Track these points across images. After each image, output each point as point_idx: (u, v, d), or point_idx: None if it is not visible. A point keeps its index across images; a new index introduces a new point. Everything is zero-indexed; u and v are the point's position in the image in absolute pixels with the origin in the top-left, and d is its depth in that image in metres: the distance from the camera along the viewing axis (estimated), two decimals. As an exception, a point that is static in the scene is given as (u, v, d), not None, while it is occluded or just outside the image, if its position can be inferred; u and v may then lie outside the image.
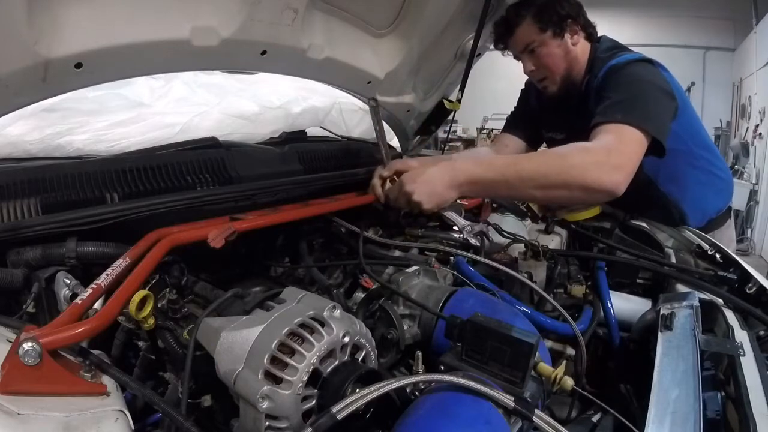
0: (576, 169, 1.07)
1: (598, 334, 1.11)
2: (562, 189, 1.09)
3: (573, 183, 1.07)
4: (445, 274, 1.04)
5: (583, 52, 1.41)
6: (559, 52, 1.38)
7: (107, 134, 1.31)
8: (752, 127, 5.86)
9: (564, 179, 1.07)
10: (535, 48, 1.39)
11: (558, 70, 1.41)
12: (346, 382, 0.60)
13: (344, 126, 1.89)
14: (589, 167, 1.07)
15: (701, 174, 1.47)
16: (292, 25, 1.13)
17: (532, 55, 1.41)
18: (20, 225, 0.80)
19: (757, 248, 5.51)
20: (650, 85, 1.23)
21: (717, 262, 1.21)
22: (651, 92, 1.21)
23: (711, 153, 1.50)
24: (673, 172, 1.41)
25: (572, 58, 1.39)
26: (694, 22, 7.37)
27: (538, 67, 1.42)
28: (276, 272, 1.17)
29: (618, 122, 1.14)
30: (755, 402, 0.67)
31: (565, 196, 1.12)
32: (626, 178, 1.09)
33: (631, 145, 1.13)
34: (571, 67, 1.41)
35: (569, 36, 1.37)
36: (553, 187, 1.09)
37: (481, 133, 7.53)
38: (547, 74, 1.43)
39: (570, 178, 1.07)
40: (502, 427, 0.57)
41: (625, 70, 1.27)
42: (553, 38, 1.36)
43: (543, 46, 1.38)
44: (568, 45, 1.38)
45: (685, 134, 1.37)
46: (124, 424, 0.51)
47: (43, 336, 0.54)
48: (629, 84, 1.23)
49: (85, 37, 0.86)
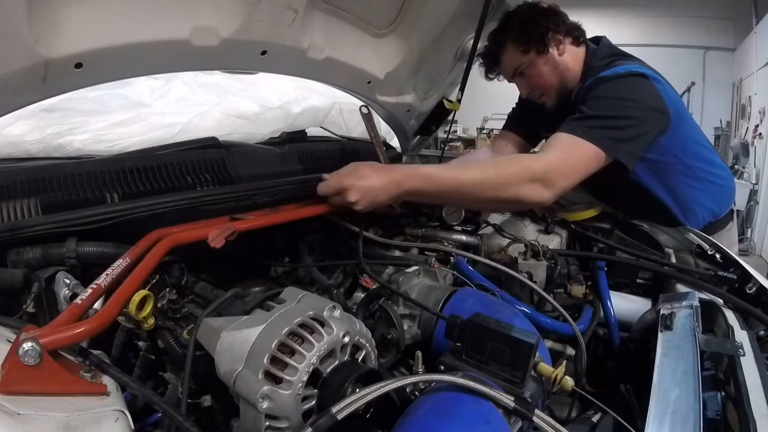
0: (511, 185, 1.12)
1: (598, 334, 1.11)
2: (496, 203, 1.22)
3: (506, 197, 1.13)
4: (445, 274, 1.04)
5: (575, 58, 1.39)
6: (547, 68, 1.38)
7: (107, 134, 1.31)
8: (752, 127, 5.85)
9: (498, 194, 1.12)
10: (524, 70, 1.40)
11: (551, 85, 1.41)
12: (346, 382, 0.60)
13: (344, 126, 1.89)
14: (522, 184, 1.12)
15: (697, 182, 1.44)
16: (292, 25, 1.13)
17: (523, 77, 1.43)
18: (20, 225, 0.80)
19: (757, 248, 5.51)
20: (630, 105, 1.21)
21: (717, 262, 1.21)
22: (628, 112, 1.20)
23: (708, 162, 1.46)
24: (664, 181, 1.40)
25: (563, 70, 1.39)
26: (694, 22, 7.36)
27: (532, 87, 1.44)
28: (276, 272, 1.17)
29: (576, 135, 1.16)
30: (755, 402, 0.67)
31: (500, 207, 1.33)
32: (555, 194, 1.15)
33: (578, 162, 1.16)
34: (564, 78, 1.40)
35: (554, 48, 1.36)
36: (489, 200, 1.17)
37: (481, 133, 7.52)
38: (542, 91, 1.44)
39: (503, 193, 1.12)
40: (502, 427, 0.57)
41: (609, 84, 1.25)
42: (538, 56, 1.36)
43: (531, 66, 1.39)
44: (555, 58, 1.37)
45: (675, 148, 1.34)
46: (124, 424, 0.51)
47: (43, 336, 0.54)
48: (607, 100, 1.22)
49: (85, 37, 0.86)
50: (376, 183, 1.04)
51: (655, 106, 1.24)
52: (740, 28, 6.81)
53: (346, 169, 1.07)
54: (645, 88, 1.26)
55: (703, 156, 1.44)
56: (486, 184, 1.11)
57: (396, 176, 1.06)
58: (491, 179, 1.11)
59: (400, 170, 1.08)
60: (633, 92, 1.24)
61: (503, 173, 1.12)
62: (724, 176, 1.53)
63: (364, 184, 1.03)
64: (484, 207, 1.34)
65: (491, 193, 1.11)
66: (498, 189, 1.11)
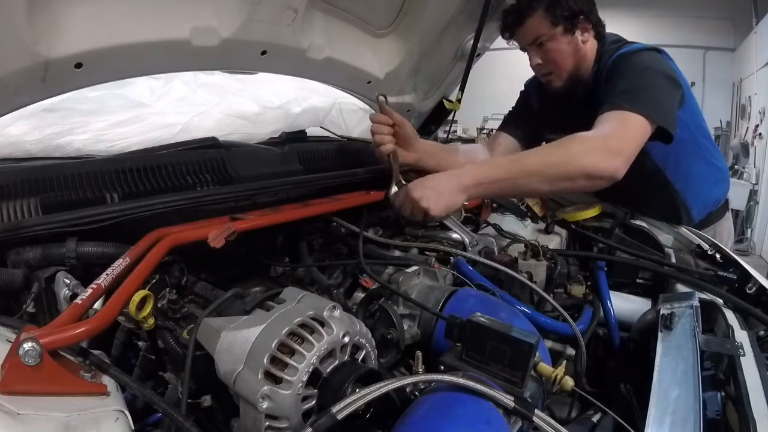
0: (576, 158, 1.10)
1: (598, 334, 1.11)
2: (565, 180, 1.13)
3: (574, 172, 1.11)
4: (445, 274, 1.04)
5: (592, 50, 1.40)
6: (568, 48, 1.36)
7: (107, 134, 1.31)
8: (752, 127, 5.86)
9: (566, 169, 1.11)
10: (544, 42, 1.36)
11: (565, 66, 1.39)
12: (346, 382, 0.60)
13: (344, 126, 1.89)
14: (588, 154, 1.10)
15: (703, 164, 1.48)
16: (292, 25, 1.13)
17: (540, 48, 1.38)
18: (20, 225, 0.80)
19: (757, 248, 5.51)
20: (658, 74, 1.24)
21: (717, 262, 1.21)
22: (659, 80, 1.23)
23: (711, 143, 1.53)
24: (679, 161, 1.43)
25: (581, 56, 1.38)
26: (694, 22, 7.37)
27: (545, 61, 1.40)
28: (276, 272, 1.17)
29: (623, 110, 1.16)
30: (755, 402, 0.67)
31: (569, 186, 1.17)
32: (625, 162, 1.12)
33: (632, 131, 1.15)
34: (579, 65, 1.39)
35: (579, 33, 1.35)
36: (557, 179, 1.12)
37: (481, 133, 7.52)
38: (554, 69, 1.41)
39: (571, 167, 1.10)
40: (502, 427, 0.57)
41: (634, 58, 1.28)
42: (563, 34, 1.34)
43: (552, 40, 1.35)
44: (578, 42, 1.36)
45: (691, 123, 1.38)
46: (124, 424, 0.51)
47: (43, 336, 0.54)
48: (637, 72, 1.24)
49: (85, 37, 0.86)
50: (444, 188, 1.10)
51: (675, 78, 1.28)
52: (740, 28, 6.82)
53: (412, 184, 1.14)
54: (663, 61, 1.30)
55: (707, 134, 1.51)
56: (552, 162, 1.11)
57: (460, 175, 1.11)
58: (555, 156, 1.11)
59: (463, 169, 1.12)
60: (657, 64, 1.27)
61: (566, 149, 1.12)
62: (720, 159, 1.60)
63: (433, 192, 1.09)
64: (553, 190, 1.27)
65: (560, 169, 1.10)
66: (565, 164, 1.10)
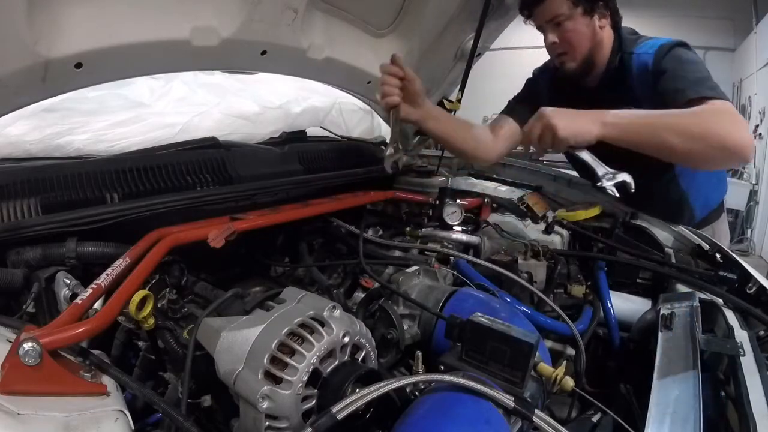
0: (712, 119, 1.09)
1: (598, 334, 1.11)
2: (701, 141, 1.09)
3: (713, 135, 1.08)
4: (445, 274, 1.04)
5: (608, 39, 1.40)
6: (585, 30, 1.37)
7: (107, 134, 1.31)
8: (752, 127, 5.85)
9: (705, 129, 1.08)
10: (563, 21, 1.36)
11: (581, 48, 1.39)
12: (346, 382, 0.60)
13: (344, 126, 1.89)
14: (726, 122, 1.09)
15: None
16: (292, 25, 1.13)
17: (558, 27, 1.38)
18: (20, 225, 0.80)
19: (757, 248, 5.50)
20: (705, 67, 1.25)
21: (717, 262, 1.20)
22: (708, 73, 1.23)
23: None
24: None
25: (597, 41, 1.39)
26: (694, 22, 7.35)
27: (562, 41, 1.39)
28: (276, 272, 1.17)
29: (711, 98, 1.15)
30: (755, 402, 0.67)
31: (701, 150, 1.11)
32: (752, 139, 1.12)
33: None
34: (595, 50, 1.40)
35: (597, 19, 1.36)
36: (694, 137, 1.09)
37: (481, 133, 7.52)
38: (568, 49, 1.40)
39: (711, 131, 1.08)
40: (502, 427, 0.57)
41: (679, 51, 1.28)
42: (582, 15, 1.35)
43: (570, 20, 1.35)
44: (595, 27, 1.37)
45: None
46: (124, 424, 0.51)
47: (43, 336, 0.54)
48: (690, 64, 1.25)
49: (85, 37, 0.86)
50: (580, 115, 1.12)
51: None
52: (740, 28, 6.81)
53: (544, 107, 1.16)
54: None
55: None
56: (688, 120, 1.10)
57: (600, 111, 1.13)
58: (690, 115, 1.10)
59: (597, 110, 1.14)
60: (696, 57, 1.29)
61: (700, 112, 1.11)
62: None
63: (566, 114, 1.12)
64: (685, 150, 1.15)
65: (696, 129, 1.08)
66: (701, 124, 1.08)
